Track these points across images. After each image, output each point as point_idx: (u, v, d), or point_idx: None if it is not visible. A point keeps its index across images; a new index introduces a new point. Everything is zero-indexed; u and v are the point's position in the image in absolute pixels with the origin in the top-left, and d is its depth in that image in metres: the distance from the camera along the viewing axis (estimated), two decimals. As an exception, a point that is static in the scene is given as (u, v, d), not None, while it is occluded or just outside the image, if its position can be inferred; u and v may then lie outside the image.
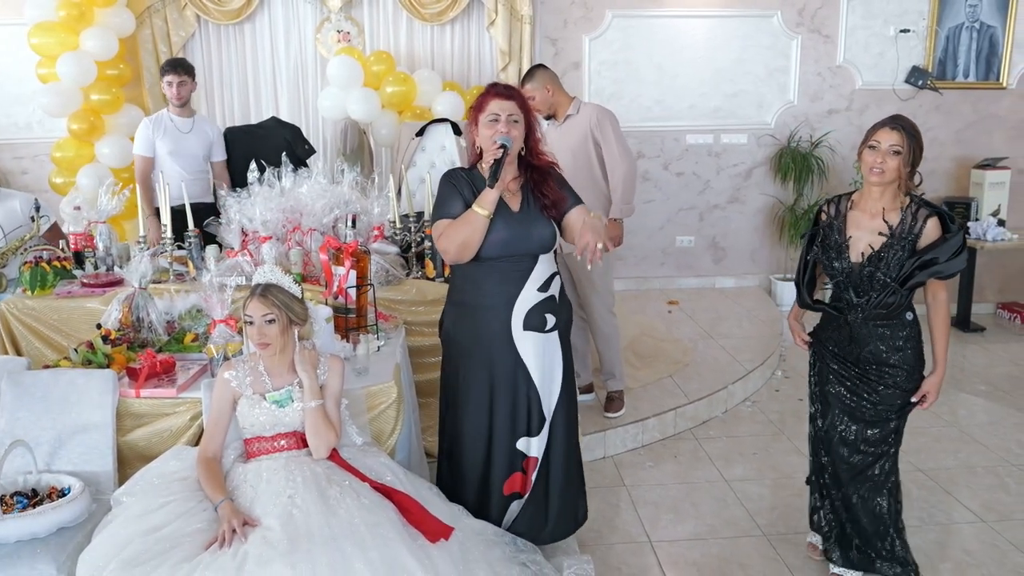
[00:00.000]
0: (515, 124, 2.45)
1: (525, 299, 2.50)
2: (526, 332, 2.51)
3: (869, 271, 2.47)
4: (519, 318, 2.50)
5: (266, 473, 2.27)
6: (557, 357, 2.60)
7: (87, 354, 2.73)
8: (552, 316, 2.55)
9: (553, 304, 2.56)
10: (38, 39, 4.99)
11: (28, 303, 3.27)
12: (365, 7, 5.69)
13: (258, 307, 2.30)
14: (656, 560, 2.95)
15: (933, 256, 2.42)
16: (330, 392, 2.40)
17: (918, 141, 2.46)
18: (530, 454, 2.61)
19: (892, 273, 2.45)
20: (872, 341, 2.55)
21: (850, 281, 2.53)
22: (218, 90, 5.77)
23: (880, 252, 2.46)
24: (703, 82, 6.02)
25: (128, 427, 2.56)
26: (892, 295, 2.46)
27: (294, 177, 3.54)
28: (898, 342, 2.54)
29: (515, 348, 2.52)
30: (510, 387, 2.55)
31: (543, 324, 2.53)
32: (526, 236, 2.48)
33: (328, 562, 1.98)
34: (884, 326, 2.54)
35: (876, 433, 2.61)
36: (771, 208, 6.24)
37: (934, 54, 5.97)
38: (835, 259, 2.55)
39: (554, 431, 2.63)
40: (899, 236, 2.45)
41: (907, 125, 2.47)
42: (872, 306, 2.50)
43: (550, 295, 2.55)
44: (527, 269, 2.51)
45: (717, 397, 4.23)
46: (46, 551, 2.17)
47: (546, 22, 5.84)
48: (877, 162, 2.45)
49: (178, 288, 3.28)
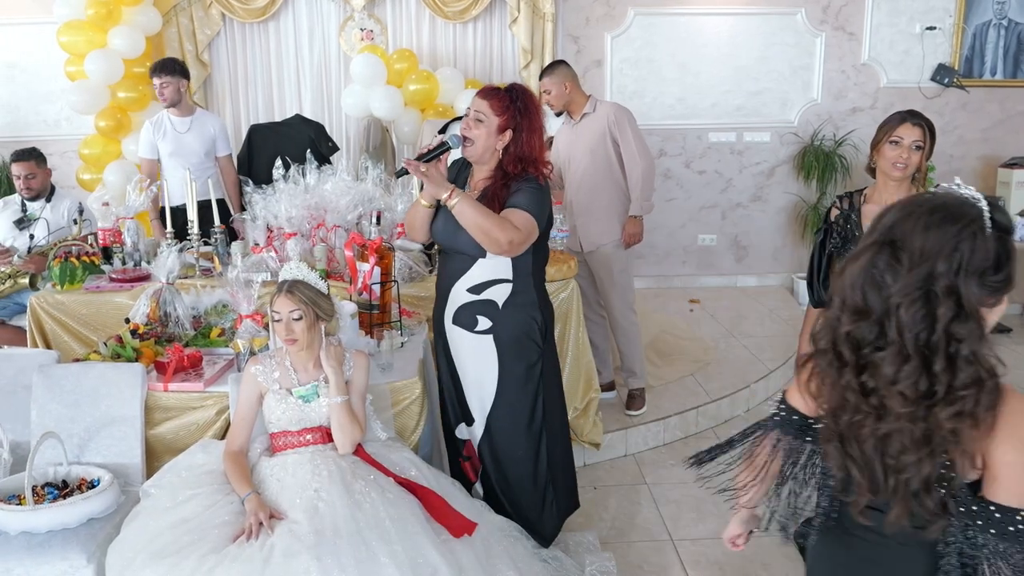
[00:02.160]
0: (477, 123, 2.47)
1: (455, 295, 2.58)
2: (454, 326, 2.61)
3: None
4: (451, 311, 2.61)
5: (292, 467, 2.29)
6: (491, 363, 2.57)
7: (116, 348, 2.77)
8: (487, 320, 2.54)
9: (492, 309, 2.53)
10: (67, 37, 5.06)
11: (58, 297, 3.31)
12: (388, 5, 5.72)
13: (285, 304, 2.31)
14: (678, 558, 2.94)
15: None
16: (355, 388, 2.41)
17: (934, 136, 2.46)
18: (468, 438, 2.71)
19: None
20: None
21: None
22: (243, 88, 5.82)
23: None
24: (726, 80, 5.99)
25: (156, 420, 2.59)
26: None
27: (319, 174, 3.56)
28: None
29: (446, 337, 2.65)
30: (443, 372, 2.72)
31: (473, 324, 2.56)
32: (453, 234, 2.49)
33: (353, 555, 1.99)
34: None
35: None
36: (794, 207, 6.19)
37: (961, 51, 5.90)
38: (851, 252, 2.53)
39: (494, 435, 2.64)
40: None
41: (925, 120, 2.46)
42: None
43: (486, 299, 2.53)
44: (462, 268, 2.55)
45: (739, 396, 4.21)
46: (76, 541, 2.20)
47: (568, 20, 5.83)
48: (902, 157, 2.43)
49: (204, 283, 3.31)
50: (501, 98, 2.47)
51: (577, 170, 3.77)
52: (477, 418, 2.65)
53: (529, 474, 2.68)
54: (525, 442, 2.65)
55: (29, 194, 4.12)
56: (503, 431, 2.64)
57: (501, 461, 2.67)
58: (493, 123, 2.47)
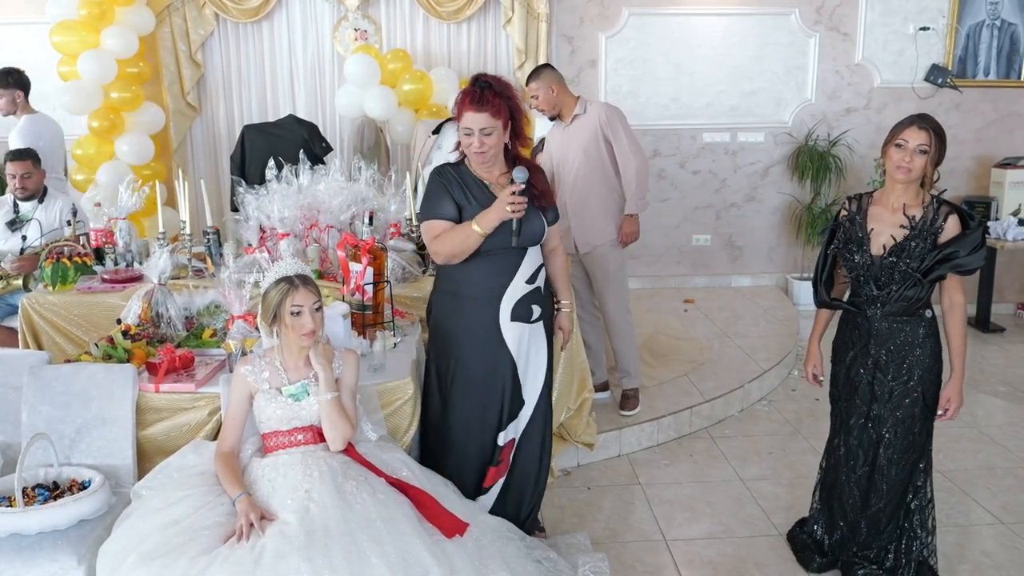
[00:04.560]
0: (488, 136, 2.47)
1: (514, 291, 2.57)
2: (513, 323, 2.60)
3: (890, 262, 2.46)
4: (507, 309, 2.58)
5: (283, 467, 2.28)
6: (542, 345, 2.71)
7: (107, 349, 2.76)
8: (538, 307, 2.65)
9: (539, 295, 2.65)
10: (59, 37, 5.04)
11: (49, 298, 3.30)
12: (382, 5, 5.71)
13: (307, 296, 2.32)
14: (671, 558, 2.94)
15: (954, 250, 2.41)
16: (345, 385, 2.41)
17: (943, 141, 2.46)
18: (504, 443, 2.70)
19: (914, 264, 2.43)
20: (891, 338, 2.53)
21: (871, 274, 2.51)
22: (236, 88, 5.81)
23: (903, 243, 2.45)
24: (720, 80, 5.99)
25: (147, 421, 2.58)
26: (913, 287, 2.45)
27: (312, 174, 3.55)
28: (917, 339, 2.52)
29: (502, 338, 2.60)
30: (494, 378, 2.63)
31: (529, 315, 2.63)
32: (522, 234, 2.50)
33: (344, 556, 1.99)
34: (903, 323, 2.52)
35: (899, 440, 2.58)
36: (788, 207, 6.20)
37: (954, 52, 5.91)
38: (856, 252, 2.54)
39: (534, 418, 2.73)
40: (921, 229, 2.44)
41: (934, 125, 2.47)
42: (893, 299, 2.49)
43: (536, 286, 2.64)
44: (517, 262, 2.57)
45: (733, 396, 4.22)
46: (67, 543, 2.19)
47: (562, 20, 5.83)
48: (905, 161, 2.43)
49: (196, 284, 3.30)
50: (493, 103, 2.46)
51: (570, 172, 3.77)
52: (528, 400, 2.71)
53: (549, 435, 2.85)
54: (550, 421, 2.84)
55: (23, 194, 4.10)
56: (545, 403, 2.77)
57: (544, 439, 2.79)
58: (498, 126, 2.49)
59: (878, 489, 2.62)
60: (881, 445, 2.60)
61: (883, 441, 2.59)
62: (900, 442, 2.57)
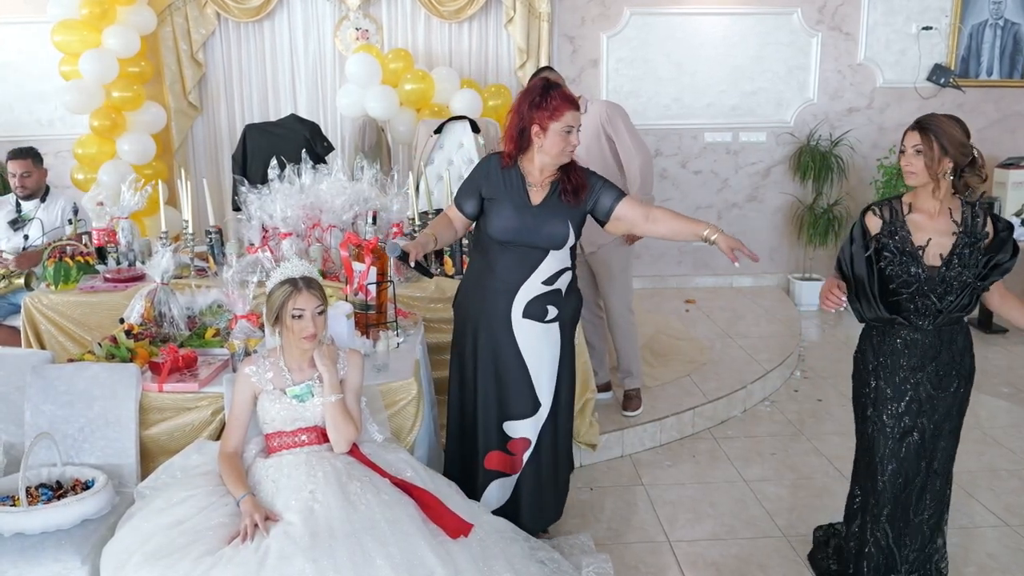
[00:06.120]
0: (578, 133, 2.55)
1: (528, 289, 2.60)
2: (524, 320, 2.62)
3: (954, 272, 2.35)
4: (520, 305, 2.61)
5: (287, 468, 2.27)
6: (556, 347, 2.70)
7: (110, 348, 2.75)
8: (555, 308, 2.64)
9: (558, 297, 2.65)
10: (61, 37, 5.04)
11: (52, 298, 3.30)
12: (383, 5, 5.71)
13: (309, 299, 2.31)
14: (675, 560, 2.94)
15: (1001, 255, 2.37)
16: (350, 386, 2.40)
17: (949, 138, 2.31)
18: (515, 436, 2.71)
19: (971, 272, 2.36)
20: (943, 349, 2.45)
21: (930, 286, 2.37)
22: (238, 87, 5.81)
23: (958, 251, 2.36)
24: (721, 80, 5.99)
25: (151, 421, 2.58)
26: (970, 295, 2.38)
27: (314, 174, 3.55)
28: (961, 347, 2.47)
29: (512, 332, 2.63)
30: (504, 368, 2.66)
31: (543, 314, 2.63)
32: (535, 231, 2.56)
33: (349, 557, 1.98)
34: (953, 332, 2.46)
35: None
36: (790, 207, 6.20)
37: (957, 52, 5.91)
38: (911, 264, 2.39)
39: (552, 419, 2.73)
40: (969, 233, 2.37)
41: (929, 123, 2.36)
42: (951, 310, 2.40)
43: (555, 289, 2.63)
44: (535, 261, 2.59)
45: (735, 397, 4.21)
46: (70, 543, 2.19)
47: (564, 20, 5.83)
48: (905, 165, 2.39)
49: (199, 284, 3.29)
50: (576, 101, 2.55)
51: (575, 170, 3.76)
52: (544, 403, 2.70)
53: (569, 444, 2.88)
54: (569, 416, 2.84)
55: (24, 192, 4.10)
56: (565, 409, 2.78)
57: (561, 437, 2.79)
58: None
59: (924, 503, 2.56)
60: (936, 459, 2.54)
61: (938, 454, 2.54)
62: (950, 451, 2.55)
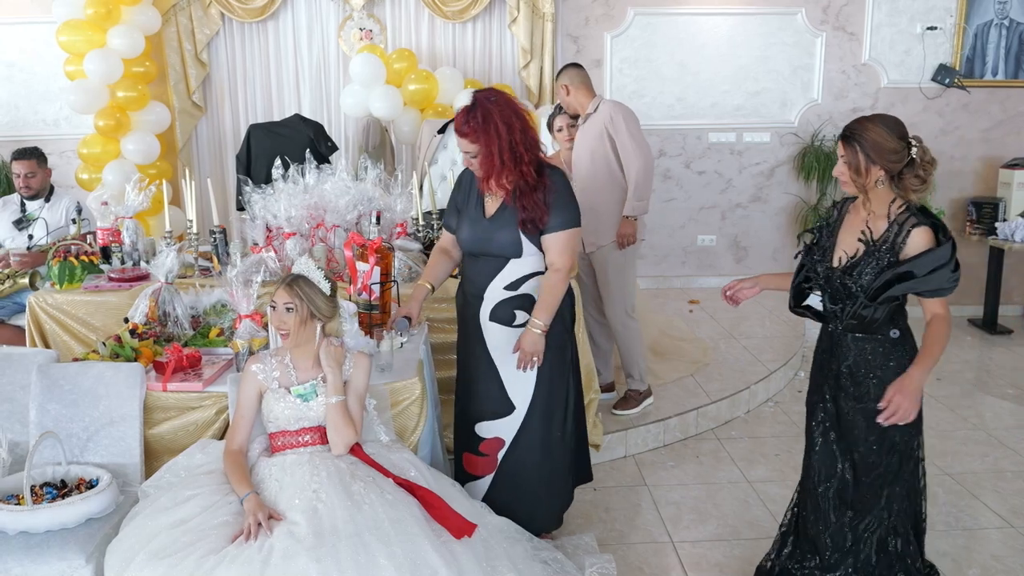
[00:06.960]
0: (475, 159, 2.57)
1: (492, 293, 2.68)
2: (491, 323, 2.70)
3: (850, 279, 2.23)
4: (487, 309, 2.70)
5: (291, 467, 2.28)
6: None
7: (115, 347, 2.76)
8: (525, 314, 2.66)
9: (526, 302, 2.68)
10: (66, 37, 5.05)
11: (56, 297, 3.31)
12: (387, 5, 5.71)
13: (282, 295, 2.35)
14: (678, 560, 2.94)
15: (908, 270, 2.13)
16: (353, 389, 2.40)
17: (873, 146, 2.16)
18: (488, 436, 2.76)
19: (863, 283, 2.19)
20: (850, 355, 2.31)
21: (829, 286, 2.30)
22: (242, 87, 5.82)
23: (855, 259, 2.23)
24: (725, 80, 5.98)
25: (155, 420, 2.58)
26: (864, 308, 2.22)
27: (318, 174, 3.55)
28: (877, 359, 2.27)
29: (482, 334, 2.72)
30: (475, 370, 2.76)
31: (511, 319, 2.69)
32: (488, 240, 2.65)
33: (352, 557, 1.98)
34: (864, 340, 2.28)
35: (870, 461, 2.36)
36: (794, 207, 6.19)
37: (962, 52, 5.89)
38: (819, 262, 2.35)
39: (535, 421, 2.74)
40: (877, 245, 2.20)
41: (853, 131, 2.21)
42: (846, 316, 2.27)
43: (522, 294, 2.68)
44: (497, 267, 2.67)
45: (739, 397, 4.21)
46: (75, 541, 2.19)
47: (568, 20, 5.82)
48: (837, 173, 2.29)
49: (203, 283, 3.30)
50: (471, 127, 2.52)
51: (581, 170, 3.77)
52: (519, 406, 2.73)
53: (560, 453, 2.83)
54: (562, 423, 2.81)
55: (28, 192, 4.11)
56: (544, 415, 2.76)
57: (538, 445, 2.77)
58: (481, 150, 2.54)
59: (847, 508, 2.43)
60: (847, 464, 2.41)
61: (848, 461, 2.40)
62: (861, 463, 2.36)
